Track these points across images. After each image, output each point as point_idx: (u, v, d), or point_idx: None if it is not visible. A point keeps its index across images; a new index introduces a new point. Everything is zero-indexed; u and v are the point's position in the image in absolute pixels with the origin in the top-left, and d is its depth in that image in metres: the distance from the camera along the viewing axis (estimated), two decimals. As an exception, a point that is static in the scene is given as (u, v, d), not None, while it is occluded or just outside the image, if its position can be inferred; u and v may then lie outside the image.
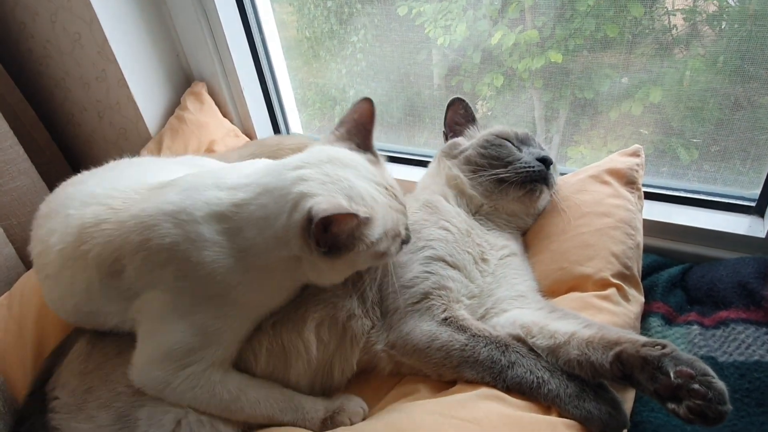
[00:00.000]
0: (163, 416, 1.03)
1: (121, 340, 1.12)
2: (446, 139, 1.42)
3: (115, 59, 1.64)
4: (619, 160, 1.34)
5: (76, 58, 1.73)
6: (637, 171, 1.31)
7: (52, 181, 1.80)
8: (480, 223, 1.28)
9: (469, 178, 1.30)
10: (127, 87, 1.70)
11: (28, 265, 1.70)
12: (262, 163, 1.10)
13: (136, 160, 1.37)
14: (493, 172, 1.26)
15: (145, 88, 1.75)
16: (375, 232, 0.96)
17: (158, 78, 1.80)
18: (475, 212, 1.30)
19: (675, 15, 1.44)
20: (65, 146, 2.02)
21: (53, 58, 1.78)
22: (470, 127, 1.41)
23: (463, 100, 1.37)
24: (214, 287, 0.99)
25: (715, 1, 1.39)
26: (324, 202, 0.90)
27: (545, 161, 1.25)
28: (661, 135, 1.58)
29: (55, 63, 1.79)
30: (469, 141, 1.36)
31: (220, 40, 1.76)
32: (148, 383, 1.03)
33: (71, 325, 1.28)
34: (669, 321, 1.17)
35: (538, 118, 1.78)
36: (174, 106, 1.85)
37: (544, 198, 1.30)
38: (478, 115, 1.40)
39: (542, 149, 1.33)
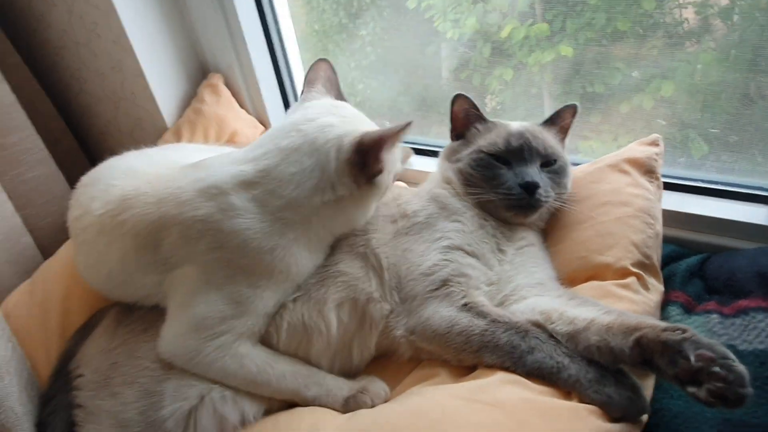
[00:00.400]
0: (187, 390, 1.05)
1: (147, 318, 1.15)
2: (452, 135, 1.41)
3: (132, 50, 1.65)
4: (637, 149, 1.34)
5: (93, 49, 1.73)
6: (656, 160, 1.31)
7: (68, 171, 1.82)
8: (492, 215, 1.27)
9: (462, 187, 1.30)
10: (144, 78, 1.70)
11: (45, 253, 1.72)
12: (266, 134, 1.15)
13: (178, 145, 1.45)
14: (479, 193, 1.25)
15: (161, 79, 1.76)
16: (396, 154, 1.14)
17: (174, 69, 1.80)
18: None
19: (686, 8, 1.43)
20: (81, 137, 2.03)
21: (70, 49, 1.79)
22: (476, 125, 1.35)
23: (467, 97, 1.33)
24: (248, 255, 1.03)
25: (727, -6, 1.38)
26: (364, 132, 1.06)
27: (528, 187, 1.19)
28: (673, 128, 1.57)
29: (72, 54, 1.80)
30: (467, 149, 1.32)
31: (237, 31, 1.76)
32: (177, 353, 1.06)
33: (95, 307, 1.31)
34: (688, 310, 1.17)
35: (549, 111, 1.76)
36: (190, 97, 1.85)
37: (535, 216, 1.28)
38: (487, 109, 1.37)
39: (542, 156, 1.26)
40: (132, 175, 1.16)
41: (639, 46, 1.49)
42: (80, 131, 2.03)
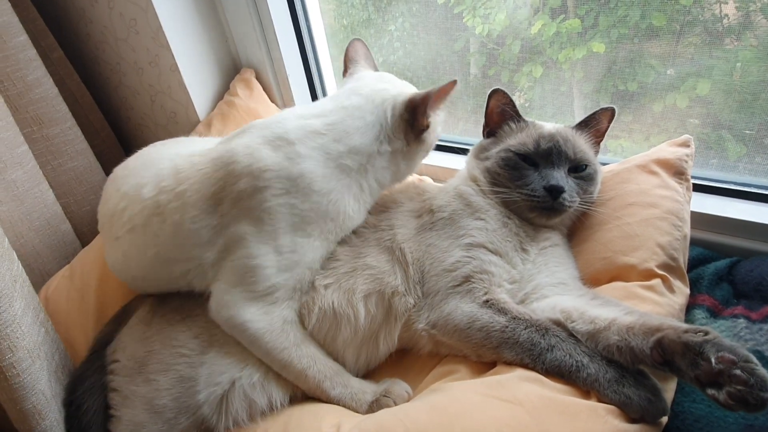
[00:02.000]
0: (220, 376, 1.09)
1: (183, 308, 1.20)
2: (484, 131, 1.41)
3: (168, 45, 1.70)
4: (667, 150, 1.32)
5: (131, 44, 1.80)
6: (686, 161, 1.28)
7: (105, 162, 1.90)
8: (516, 214, 1.27)
9: (488, 186, 1.30)
10: (179, 72, 1.76)
11: (83, 240, 1.80)
12: (325, 99, 1.30)
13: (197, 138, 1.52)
14: (504, 192, 1.25)
15: (195, 74, 1.81)
16: (440, 116, 1.32)
17: (208, 64, 1.85)
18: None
19: (727, 3, 1.38)
20: (118, 128, 2.11)
21: (109, 44, 1.86)
22: (509, 123, 1.34)
23: (505, 93, 1.32)
24: (309, 199, 1.13)
25: (771, -11, 1.32)
26: (414, 92, 1.25)
27: (552, 191, 1.19)
28: (708, 128, 1.53)
29: (111, 48, 1.86)
30: (496, 147, 1.32)
31: (269, 28, 1.80)
32: (224, 311, 1.11)
33: (129, 293, 1.37)
34: (714, 314, 1.16)
35: (578, 109, 1.74)
36: (222, 91, 1.90)
37: (557, 220, 1.27)
38: (517, 105, 1.36)
39: (571, 161, 1.24)
40: (174, 156, 1.24)
41: (675, 43, 1.45)
42: (118, 123, 2.11)
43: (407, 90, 1.30)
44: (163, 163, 1.22)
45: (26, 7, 1.75)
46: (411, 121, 1.24)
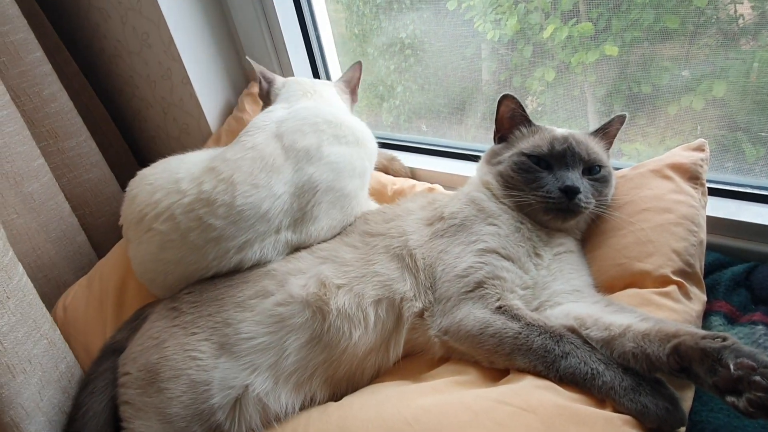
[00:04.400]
0: (233, 380, 1.10)
1: (196, 311, 1.21)
2: (495, 137, 1.40)
3: (180, 58, 1.73)
4: (682, 154, 1.30)
5: (144, 57, 1.83)
6: (701, 166, 1.26)
7: (119, 174, 1.93)
8: (530, 218, 1.27)
9: (501, 190, 1.29)
10: (191, 85, 1.78)
11: (99, 252, 1.82)
12: None
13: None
14: (518, 196, 1.25)
15: (206, 86, 1.84)
16: None
17: (219, 76, 1.88)
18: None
19: (742, 3, 1.36)
20: (131, 141, 2.14)
21: (123, 57, 1.89)
22: (520, 128, 1.35)
23: (514, 98, 1.32)
24: None
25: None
26: None
27: (568, 191, 1.18)
28: (724, 130, 1.50)
29: (125, 62, 1.90)
30: (508, 151, 1.32)
31: (279, 42, 1.83)
32: None
33: (147, 299, 1.39)
34: (732, 320, 1.14)
35: (591, 113, 1.73)
36: (234, 103, 1.93)
37: (573, 222, 1.26)
38: (528, 110, 1.35)
39: (585, 162, 1.24)
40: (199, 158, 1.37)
41: (689, 45, 1.43)
42: (131, 136, 2.14)
43: None
44: (192, 165, 1.33)
45: (41, 23, 1.79)
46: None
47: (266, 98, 1.63)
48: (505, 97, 1.33)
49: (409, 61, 2.02)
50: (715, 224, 1.31)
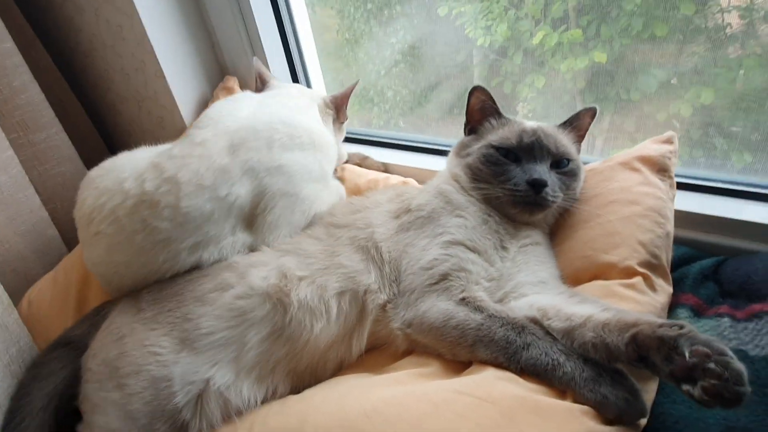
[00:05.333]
0: (194, 376, 1.08)
1: (157, 306, 1.19)
2: (465, 129, 1.40)
3: (153, 51, 1.71)
4: (651, 147, 1.30)
5: (118, 51, 1.81)
6: (669, 158, 1.26)
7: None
8: (498, 211, 1.26)
9: (470, 182, 1.28)
10: (164, 78, 1.76)
11: (70, 246, 1.79)
12: None
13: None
14: (486, 188, 1.24)
15: (180, 80, 1.82)
16: None
17: (194, 70, 1.86)
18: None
19: (730, 12, 1.38)
20: (106, 135, 2.12)
21: (97, 51, 1.87)
22: (490, 119, 1.34)
23: (485, 89, 1.32)
24: None
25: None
26: None
27: (535, 185, 1.17)
28: (712, 137, 1.52)
29: (99, 55, 1.88)
30: (477, 143, 1.31)
31: (254, 34, 1.81)
32: None
33: (110, 295, 1.36)
34: (698, 313, 1.12)
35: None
36: (209, 97, 1.90)
37: (540, 216, 1.25)
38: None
39: (553, 155, 1.23)
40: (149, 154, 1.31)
41: (678, 53, 1.45)
42: (106, 130, 2.12)
43: None
44: (139, 162, 1.26)
45: (15, 17, 1.76)
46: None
47: None
48: (476, 89, 1.32)
49: (399, 66, 2.02)
50: (686, 219, 1.31)
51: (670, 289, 1.14)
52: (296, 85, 1.67)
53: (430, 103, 2.04)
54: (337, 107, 1.63)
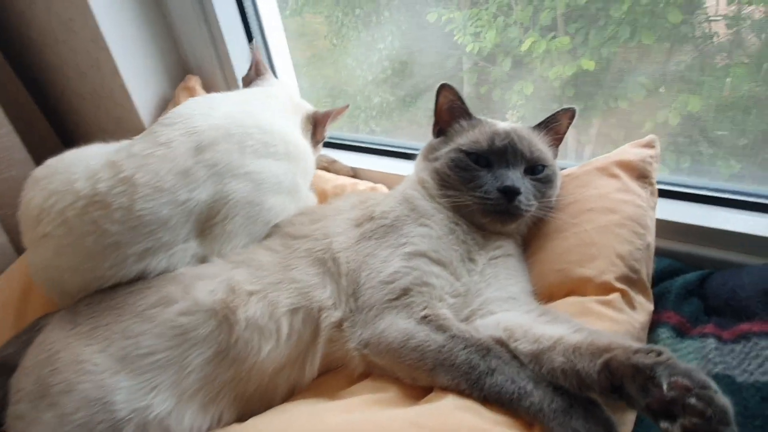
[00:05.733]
0: (133, 403, 0.98)
1: (95, 320, 1.10)
2: (434, 130, 1.30)
3: (107, 47, 1.61)
4: (630, 151, 1.21)
5: (71, 46, 1.70)
6: (650, 164, 1.17)
7: (48, 172, 1.78)
8: (467, 220, 1.16)
9: (437, 189, 1.19)
10: (120, 76, 1.66)
11: (20, 252, 1.68)
12: None
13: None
14: (454, 196, 1.15)
15: (138, 78, 1.71)
16: None
17: (153, 67, 1.76)
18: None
19: (717, 20, 1.37)
20: (68, 137, 2.00)
21: (51, 46, 1.76)
22: (460, 121, 1.25)
23: (453, 88, 1.22)
24: None
25: (761, 7, 1.31)
26: None
27: (507, 192, 1.09)
28: (699, 145, 1.48)
29: (53, 51, 1.77)
30: (446, 147, 1.22)
31: (217, 32, 1.72)
32: None
33: (50, 309, 1.28)
34: (681, 333, 1.03)
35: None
36: (171, 97, 1.80)
37: (513, 226, 1.16)
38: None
39: (527, 161, 1.15)
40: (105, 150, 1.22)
41: (666, 61, 1.45)
42: (66, 131, 2.01)
43: None
44: (91, 160, 1.19)
45: (-38, 10, 1.66)
46: None
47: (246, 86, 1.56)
48: (443, 87, 1.23)
49: (387, 72, 2.01)
50: (668, 228, 1.23)
51: (651, 307, 1.05)
52: (289, 86, 1.60)
53: (419, 110, 2.03)
54: (316, 123, 1.54)
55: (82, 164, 1.19)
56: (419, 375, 0.95)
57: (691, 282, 1.13)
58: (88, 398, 0.98)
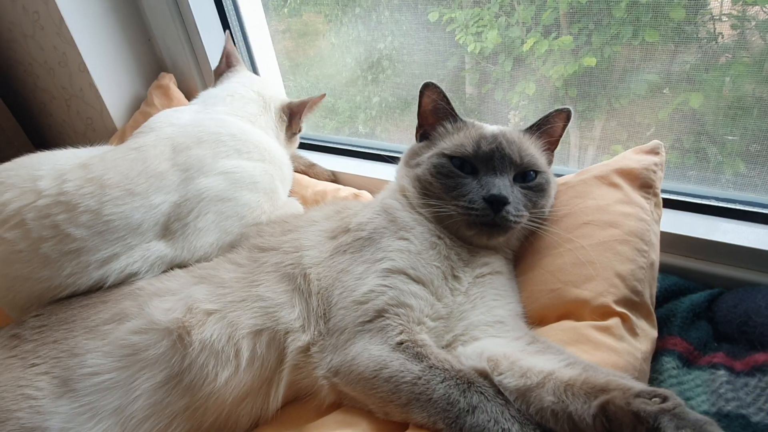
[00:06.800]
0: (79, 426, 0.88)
1: (39, 339, 1.01)
2: (417, 134, 1.20)
3: (73, 41, 1.51)
4: (633, 158, 1.10)
5: (39, 41, 1.61)
6: (654, 172, 1.06)
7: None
8: (451, 232, 1.06)
9: (419, 198, 1.09)
10: (88, 72, 1.56)
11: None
12: None
13: None
14: (437, 205, 1.04)
15: (108, 75, 1.62)
16: None
17: (124, 64, 1.66)
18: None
19: (720, 20, 1.30)
20: (39, 137, 1.91)
21: (18, 42, 1.67)
22: (444, 123, 1.15)
23: (438, 87, 1.12)
24: None
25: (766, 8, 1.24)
26: None
27: (494, 202, 0.98)
28: (703, 143, 1.40)
29: (21, 47, 1.68)
30: (429, 151, 1.12)
31: (192, 29, 1.63)
32: None
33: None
34: (688, 362, 0.93)
35: (572, 127, 1.64)
36: (144, 96, 1.70)
37: (501, 239, 1.05)
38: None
39: (516, 167, 1.04)
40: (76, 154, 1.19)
41: (669, 60, 1.38)
42: (38, 131, 1.91)
43: None
44: (62, 161, 1.15)
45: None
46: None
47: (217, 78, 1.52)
48: (427, 87, 1.13)
49: (386, 72, 1.96)
50: (674, 242, 1.13)
51: (655, 333, 0.94)
52: (258, 79, 1.53)
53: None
54: (292, 114, 1.49)
55: (50, 164, 1.13)
56: (392, 409, 0.85)
57: (699, 303, 1.02)
58: (24, 428, 0.88)
